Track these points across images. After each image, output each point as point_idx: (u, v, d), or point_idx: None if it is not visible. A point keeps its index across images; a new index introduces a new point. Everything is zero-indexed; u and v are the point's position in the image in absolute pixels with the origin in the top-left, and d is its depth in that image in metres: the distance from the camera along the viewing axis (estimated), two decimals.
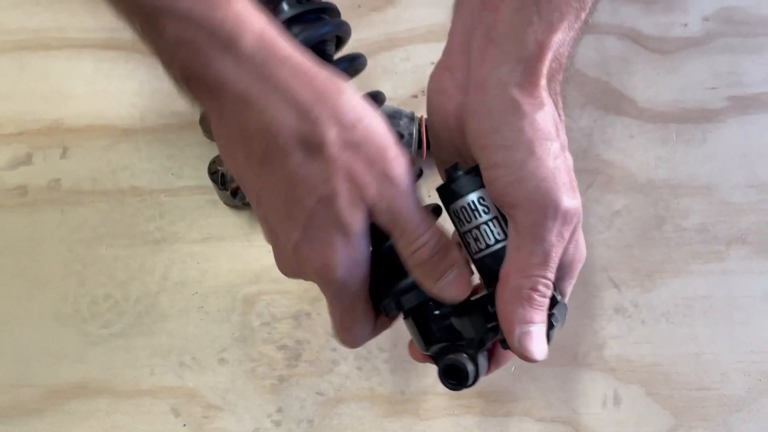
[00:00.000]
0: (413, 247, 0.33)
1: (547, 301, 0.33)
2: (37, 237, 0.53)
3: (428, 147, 0.51)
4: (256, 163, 0.33)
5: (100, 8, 0.62)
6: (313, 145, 0.31)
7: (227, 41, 0.30)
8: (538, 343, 0.33)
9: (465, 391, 0.48)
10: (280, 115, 0.31)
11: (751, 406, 0.48)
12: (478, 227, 0.34)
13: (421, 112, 0.51)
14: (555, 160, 0.32)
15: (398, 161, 0.33)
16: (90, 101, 0.56)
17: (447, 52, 0.36)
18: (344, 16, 0.41)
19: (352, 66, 0.41)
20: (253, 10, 0.31)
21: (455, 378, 0.35)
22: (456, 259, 0.34)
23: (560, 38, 0.32)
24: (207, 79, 0.31)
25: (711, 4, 0.57)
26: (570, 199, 0.32)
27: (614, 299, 0.50)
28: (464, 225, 0.34)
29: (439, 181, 0.37)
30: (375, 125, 0.33)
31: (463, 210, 0.34)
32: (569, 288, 0.37)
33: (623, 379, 0.49)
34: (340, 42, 0.43)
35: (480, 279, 0.36)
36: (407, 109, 0.52)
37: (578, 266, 0.36)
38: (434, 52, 0.56)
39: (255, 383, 0.49)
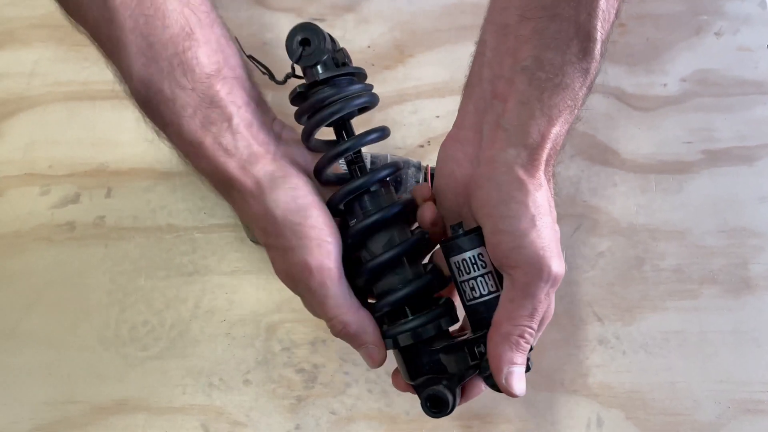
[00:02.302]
0: (328, 326, 0.41)
1: (528, 348, 0.38)
2: (83, 269, 0.58)
3: None
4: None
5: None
6: (263, 242, 0.41)
7: (200, 169, 0.40)
8: (519, 381, 0.38)
9: (463, 413, 0.54)
10: (258, 231, 0.40)
11: (720, 431, 0.52)
12: (475, 279, 0.39)
13: (427, 161, 0.57)
14: (549, 233, 0.37)
15: (309, 267, 0.38)
16: (132, 147, 0.62)
17: (459, 126, 0.41)
18: None
19: (383, 136, 0.45)
20: (215, 144, 0.39)
21: (436, 407, 0.39)
22: (365, 341, 0.40)
23: (558, 131, 0.37)
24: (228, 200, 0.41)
25: (688, 66, 0.63)
26: (559, 266, 0.37)
27: (598, 332, 0.55)
28: (462, 275, 0.39)
29: None
30: (294, 229, 0.38)
31: (464, 263, 0.39)
32: (536, 340, 0.42)
33: (605, 404, 0.53)
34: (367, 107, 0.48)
35: (468, 322, 0.41)
36: (414, 159, 0.58)
37: (546, 322, 0.41)
38: (438, 106, 0.63)
39: (276, 402, 0.54)
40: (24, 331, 0.57)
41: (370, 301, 0.43)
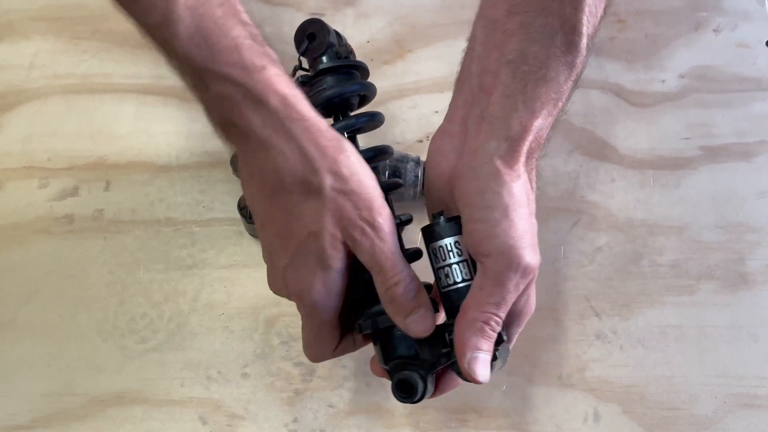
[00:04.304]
0: (387, 285, 0.39)
1: (495, 336, 0.38)
2: (82, 261, 0.58)
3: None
4: (266, 195, 0.40)
5: (142, 57, 0.69)
6: (312, 189, 0.38)
7: (257, 100, 0.37)
8: (483, 368, 0.38)
9: (459, 407, 0.54)
10: (290, 161, 0.38)
11: (717, 425, 0.52)
12: (450, 266, 0.39)
13: (426, 156, 0.57)
14: (524, 224, 0.38)
15: (381, 211, 0.38)
16: (131, 140, 0.62)
17: (448, 120, 0.42)
18: None
19: (372, 121, 0.47)
20: (281, 77, 0.38)
21: (405, 392, 0.39)
22: (422, 302, 0.39)
23: (540, 123, 0.38)
24: (239, 126, 0.38)
25: (686, 62, 0.63)
26: (531, 257, 0.38)
27: (595, 326, 0.55)
28: (439, 262, 0.40)
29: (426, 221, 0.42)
30: (365, 180, 0.39)
31: (441, 249, 0.40)
32: (516, 334, 0.42)
33: (602, 399, 0.53)
34: (365, 99, 0.49)
35: (443, 309, 0.41)
36: (413, 154, 0.58)
37: (526, 317, 0.41)
38: (438, 101, 0.63)
39: (274, 396, 0.54)
40: (22, 323, 0.57)
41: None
